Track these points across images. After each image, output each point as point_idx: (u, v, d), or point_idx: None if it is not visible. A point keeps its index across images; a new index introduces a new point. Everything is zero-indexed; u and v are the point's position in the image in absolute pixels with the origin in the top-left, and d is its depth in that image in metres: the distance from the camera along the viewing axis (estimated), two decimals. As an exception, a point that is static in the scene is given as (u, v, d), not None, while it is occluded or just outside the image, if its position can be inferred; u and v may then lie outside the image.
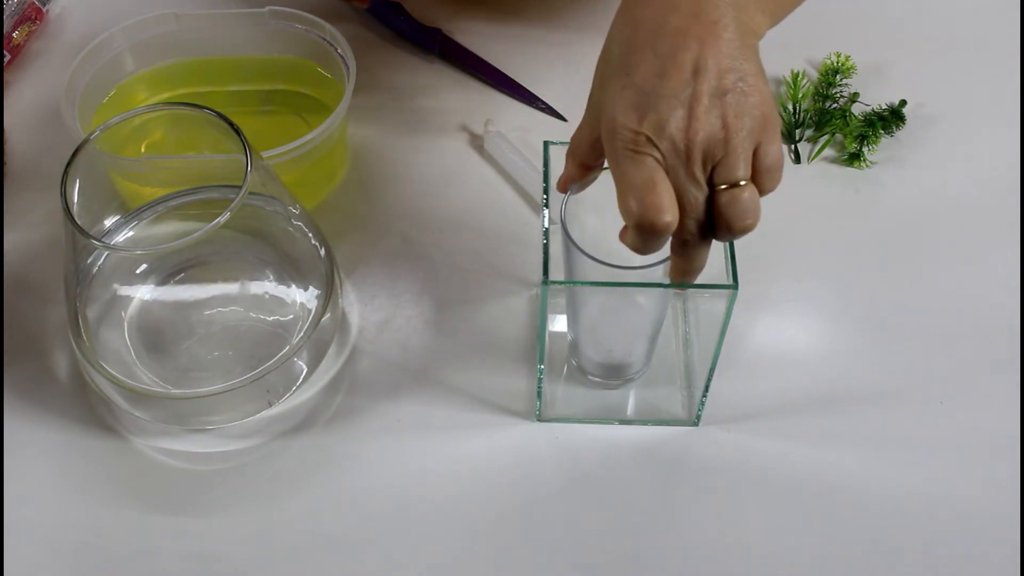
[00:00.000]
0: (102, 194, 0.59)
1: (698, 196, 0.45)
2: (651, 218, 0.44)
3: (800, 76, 0.74)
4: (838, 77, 0.75)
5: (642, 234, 0.45)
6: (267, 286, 0.61)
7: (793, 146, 0.72)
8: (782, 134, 0.73)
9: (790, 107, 0.74)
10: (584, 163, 0.51)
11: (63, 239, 0.54)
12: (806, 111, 0.73)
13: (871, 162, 0.71)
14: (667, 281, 0.50)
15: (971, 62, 0.78)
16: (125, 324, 0.59)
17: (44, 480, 0.57)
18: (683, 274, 0.49)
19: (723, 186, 0.45)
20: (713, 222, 0.46)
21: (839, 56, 0.75)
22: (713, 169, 0.45)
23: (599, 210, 0.53)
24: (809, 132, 0.73)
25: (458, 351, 0.62)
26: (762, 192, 0.46)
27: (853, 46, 0.77)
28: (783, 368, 0.61)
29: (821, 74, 0.75)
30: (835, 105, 0.74)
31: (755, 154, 0.46)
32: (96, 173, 0.56)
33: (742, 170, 0.45)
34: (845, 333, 0.63)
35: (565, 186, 0.52)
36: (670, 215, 0.44)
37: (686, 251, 0.47)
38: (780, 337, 0.63)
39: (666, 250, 0.48)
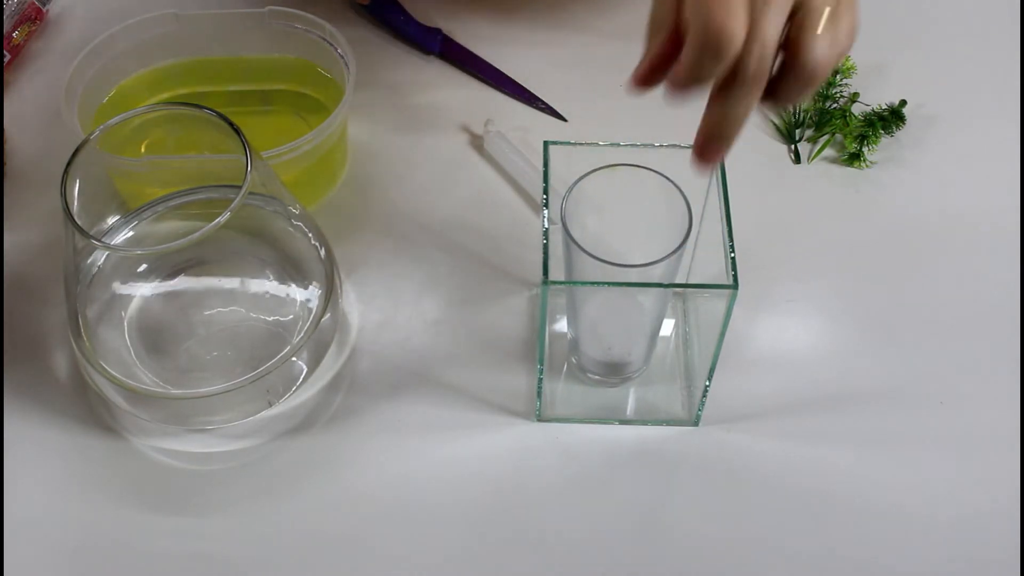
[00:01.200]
0: (102, 194, 0.59)
1: (773, 21, 0.40)
2: (719, 23, 0.39)
3: None
4: (838, 77, 0.75)
5: (700, 47, 0.40)
6: (267, 286, 0.61)
7: (793, 146, 0.72)
8: (781, 133, 0.73)
9: (790, 107, 0.74)
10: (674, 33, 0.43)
11: (63, 239, 0.54)
12: (806, 111, 0.73)
13: (871, 162, 0.71)
14: (667, 281, 0.50)
15: (971, 62, 0.78)
16: (125, 324, 0.59)
17: (44, 480, 0.57)
18: (711, 129, 0.42)
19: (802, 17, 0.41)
20: (776, 71, 0.41)
21: None
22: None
23: (599, 210, 0.53)
24: (809, 132, 0.73)
25: (458, 351, 0.62)
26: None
27: (853, 46, 0.77)
28: (783, 368, 0.61)
29: None
30: (835, 105, 0.74)
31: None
32: (96, 173, 0.56)
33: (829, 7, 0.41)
34: (845, 333, 0.63)
35: (644, 78, 0.45)
36: (740, 26, 0.39)
37: (730, 93, 0.42)
38: (780, 337, 0.63)
39: (666, 249, 0.48)
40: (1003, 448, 0.58)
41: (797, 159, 0.72)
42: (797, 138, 0.73)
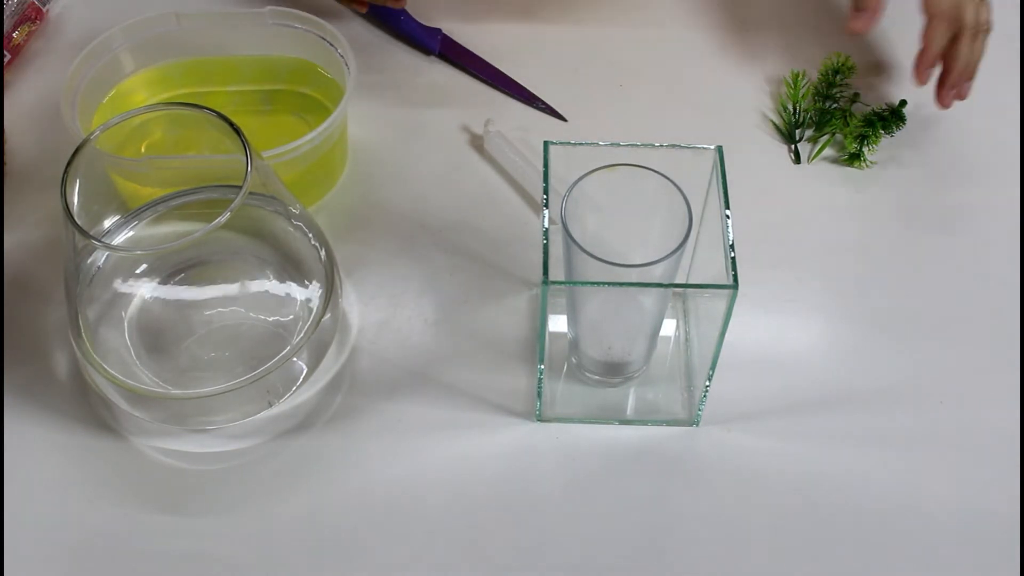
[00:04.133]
0: (102, 194, 0.59)
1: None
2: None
3: (800, 76, 0.74)
4: (838, 77, 0.75)
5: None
6: (267, 286, 0.61)
7: (793, 146, 0.72)
8: (781, 133, 0.73)
9: (790, 107, 0.74)
10: None
11: (63, 239, 0.54)
12: (806, 111, 0.73)
13: (871, 162, 0.71)
14: (667, 281, 0.50)
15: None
16: (125, 324, 0.59)
17: (44, 480, 0.57)
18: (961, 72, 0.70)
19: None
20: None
21: (839, 56, 0.75)
22: None
23: (599, 210, 0.53)
24: (809, 132, 0.73)
25: (458, 351, 0.62)
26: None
27: (853, 46, 0.77)
28: (783, 368, 0.61)
29: (821, 74, 0.76)
30: (835, 105, 0.74)
31: None
32: (96, 173, 0.56)
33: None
34: (845, 333, 0.63)
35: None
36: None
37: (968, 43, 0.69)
38: (780, 337, 0.63)
39: (666, 249, 0.48)
40: (1003, 448, 0.58)
41: (797, 159, 0.72)
42: (797, 138, 0.73)
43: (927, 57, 0.69)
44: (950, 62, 0.69)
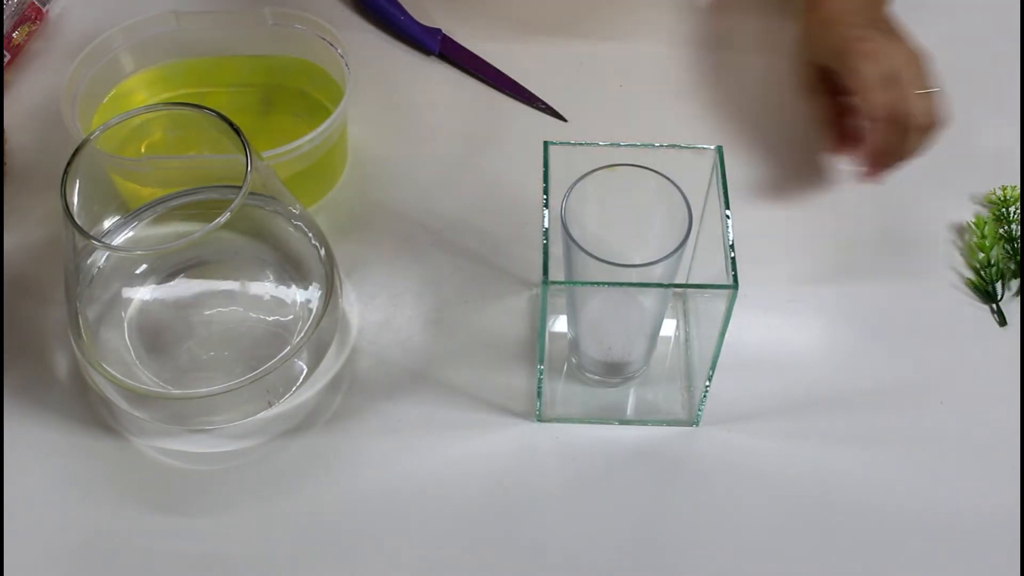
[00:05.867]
0: (102, 194, 0.59)
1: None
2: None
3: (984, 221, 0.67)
4: (1011, 211, 0.67)
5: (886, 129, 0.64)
6: (267, 286, 0.61)
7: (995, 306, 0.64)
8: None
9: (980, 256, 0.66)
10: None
11: (63, 239, 0.54)
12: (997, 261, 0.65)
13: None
14: (667, 281, 0.50)
15: (971, 61, 0.78)
16: (125, 324, 0.59)
17: (44, 480, 0.57)
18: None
19: None
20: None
21: (1005, 190, 0.68)
22: None
23: (599, 210, 0.53)
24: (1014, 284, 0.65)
25: (458, 351, 0.62)
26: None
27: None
28: (783, 368, 0.61)
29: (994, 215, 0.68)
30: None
31: None
32: (96, 173, 0.56)
33: None
34: (845, 333, 0.63)
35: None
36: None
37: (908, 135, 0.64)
38: (780, 337, 0.63)
39: (666, 249, 0.48)
40: (1003, 448, 0.58)
41: (1003, 321, 0.64)
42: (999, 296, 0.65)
43: (869, 155, 0.65)
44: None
